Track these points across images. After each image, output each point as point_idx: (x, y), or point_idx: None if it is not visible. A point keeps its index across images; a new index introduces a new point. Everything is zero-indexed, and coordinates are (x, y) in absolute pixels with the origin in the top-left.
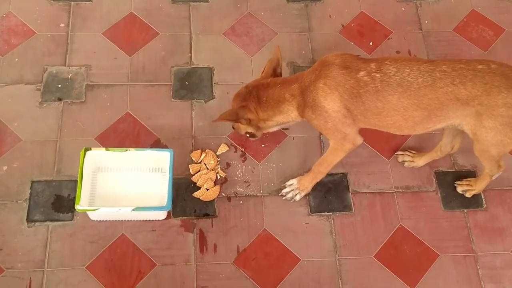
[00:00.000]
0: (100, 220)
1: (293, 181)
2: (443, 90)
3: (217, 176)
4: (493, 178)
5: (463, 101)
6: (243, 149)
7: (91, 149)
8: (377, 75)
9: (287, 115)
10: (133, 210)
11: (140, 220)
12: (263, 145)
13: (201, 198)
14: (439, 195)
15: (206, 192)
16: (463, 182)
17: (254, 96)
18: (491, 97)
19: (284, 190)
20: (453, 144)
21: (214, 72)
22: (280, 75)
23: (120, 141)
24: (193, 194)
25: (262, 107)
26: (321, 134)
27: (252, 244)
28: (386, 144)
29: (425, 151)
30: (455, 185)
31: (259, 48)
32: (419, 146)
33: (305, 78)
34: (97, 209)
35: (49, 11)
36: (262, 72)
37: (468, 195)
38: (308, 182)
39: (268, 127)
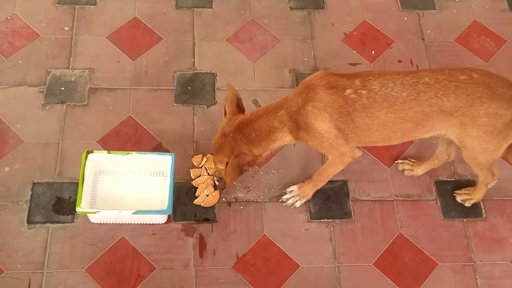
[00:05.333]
0: (100, 223)
1: (294, 188)
2: (427, 103)
3: (218, 181)
4: (489, 186)
5: (447, 112)
6: None
7: (93, 152)
8: (363, 92)
9: (282, 141)
10: (133, 213)
11: (140, 224)
12: None
13: (202, 204)
14: (439, 204)
15: (206, 198)
16: (462, 192)
17: (241, 139)
18: (473, 108)
19: (285, 196)
20: (449, 152)
21: (216, 77)
22: (243, 109)
23: (122, 144)
24: (193, 202)
25: (254, 144)
26: None
27: (251, 249)
28: (386, 152)
29: (425, 160)
30: (454, 194)
31: (261, 54)
32: (419, 155)
33: (292, 103)
34: (97, 211)
35: (53, 14)
36: (225, 114)
37: (467, 204)
38: (308, 190)
39: (264, 156)
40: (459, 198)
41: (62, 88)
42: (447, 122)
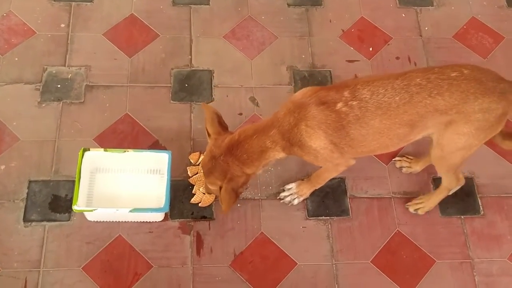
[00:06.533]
0: (97, 221)
1: (292, 185)
2: (422, 104)
3: None
4: (450, 192)
5: (442, 111)
6: None
7: (89, 150)
8: (354, 102)
9: (274, 158)
10: (130, 211)
11: (137, 222)
12: None
13: (199, 204)
14: None
15: (204, 197)
16: (413, 202)
17: (232, 161)
18: (468, 104)
19: (283, 194)
20: None
21: (214, 74)
22: (226, 126)
23: (119, 142)
24: (190, 201)
25: (247, 165)
26: None
27: (249, 247)
28: None
29: (423, 157)
30: (406, 207)
31: (259, 51)
32: (417, 151)
33: (283, 122)
34: (94, 209)
35: (49, 11)
36: (208, 134)
37: (420, 212)
38: (306, 189)
39: (257, 174)
40: (411, 209)
41: (59, 86)
42: (438, 120)
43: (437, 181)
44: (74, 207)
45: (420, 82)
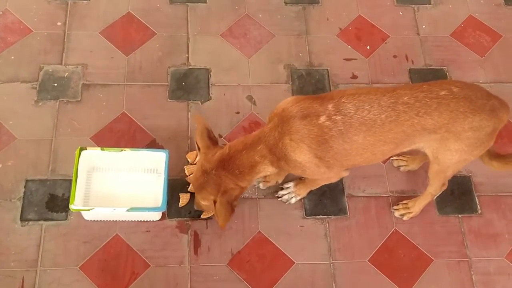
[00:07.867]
0: (94, 220)
1: (291, 184)
2: (409, 123)
3: None
4: (434, 198)
5: (430, 130)
6: None
7: (86, 149)
8: (338, 117)
9: (265, 172)
10: (127, 210)
11: (134, 221)
12: None
13: (194, 207)
14: (434, 200)
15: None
16: (400, 206)
17: (225, 174)
18: (458, 124)
19: (281, 192)
20: None
21: (211, 73)
22: (216, 140)
23: (116, 141)
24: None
25: (239, 179)
26: None
27: (246, 246)
28: None
29: (419, 154)
30: (392, 210)
31: (256, 50)
32: (412, 150)
33: (269, 137)
34: (91, 209)
35: (46, 9)
36: (198, 148)
37: (406, 218)
38: (303, 190)
39: (249, 186)
40: (397, 213)
41: (55, 84)
42: (427, 137)
43: None
44: (71, 206)
45: (407, 101)
